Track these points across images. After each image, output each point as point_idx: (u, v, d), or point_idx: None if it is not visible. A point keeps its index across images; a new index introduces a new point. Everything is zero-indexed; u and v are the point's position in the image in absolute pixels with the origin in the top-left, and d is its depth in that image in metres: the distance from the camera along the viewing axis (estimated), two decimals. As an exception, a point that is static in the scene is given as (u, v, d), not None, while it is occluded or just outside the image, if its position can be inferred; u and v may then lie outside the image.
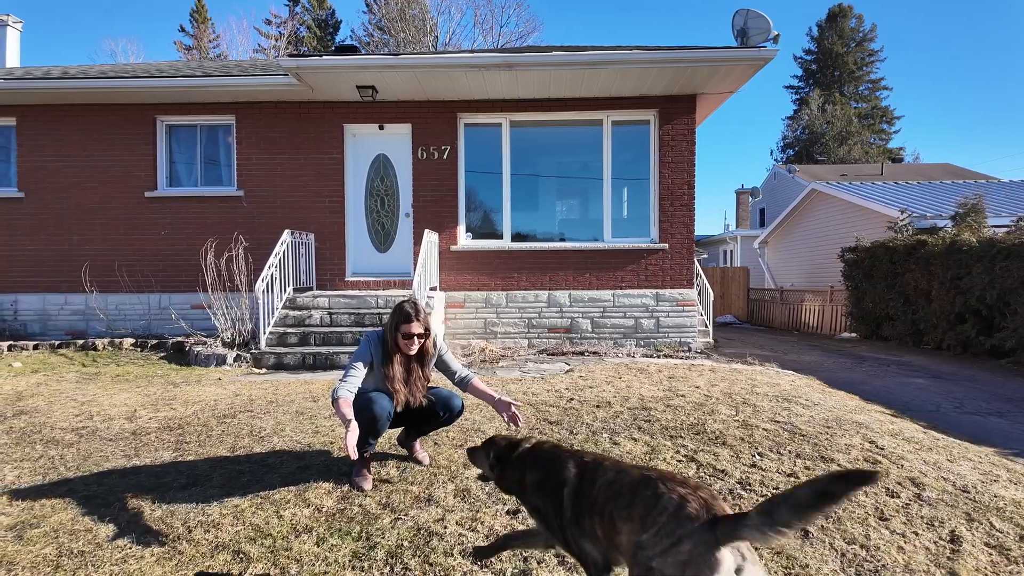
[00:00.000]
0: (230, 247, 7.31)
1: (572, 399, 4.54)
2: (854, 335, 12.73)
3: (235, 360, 6.34)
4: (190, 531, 2.49)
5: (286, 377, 5.76)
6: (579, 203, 8.45)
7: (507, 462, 1.99)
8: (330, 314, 6.99)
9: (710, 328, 9.05)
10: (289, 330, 6.74)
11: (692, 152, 7.99)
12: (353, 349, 6.33)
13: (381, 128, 8.24)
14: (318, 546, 2.37)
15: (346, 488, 2.88)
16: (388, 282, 8.11)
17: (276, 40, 41.63)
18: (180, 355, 6.98)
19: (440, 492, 2.84)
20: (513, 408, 2.95)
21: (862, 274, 11.90)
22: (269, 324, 6.67)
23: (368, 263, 8.34)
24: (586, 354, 7.30)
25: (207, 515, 2.62)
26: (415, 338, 2.99)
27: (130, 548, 2.33)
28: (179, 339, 7.30)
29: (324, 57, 7.06)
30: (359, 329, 6.78)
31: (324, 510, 2.68)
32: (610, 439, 3.53)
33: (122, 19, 55.32)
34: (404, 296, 7.34)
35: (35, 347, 7.31)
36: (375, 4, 44.75)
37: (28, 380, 5.62)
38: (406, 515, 2.61)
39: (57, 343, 7.34)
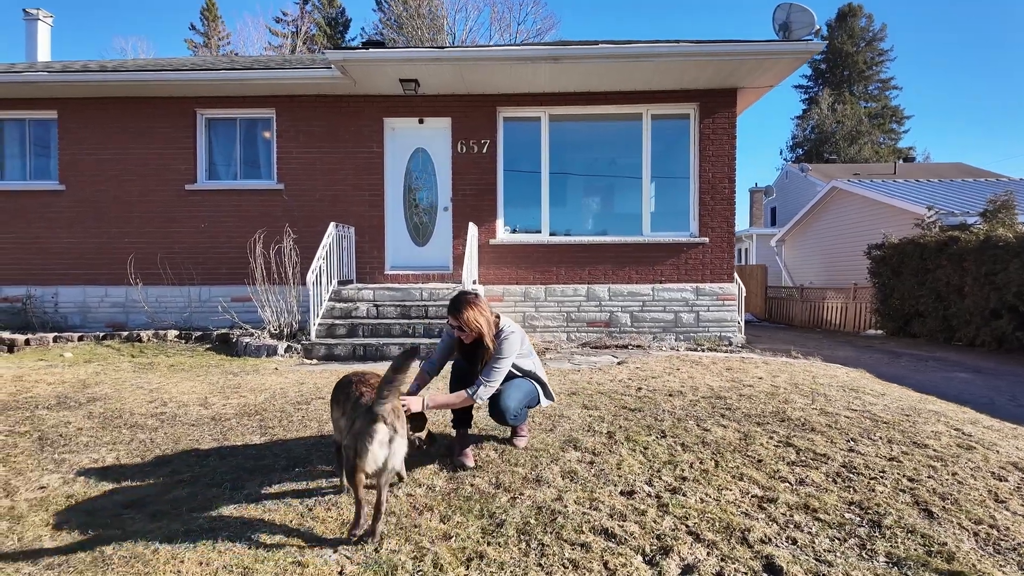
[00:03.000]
0: (272, 240, 7.34)
1: (640, 388, 4.54)
2: (880, 332, 12.69)
3: (286, 351, 6.36)
4: (311, 509, 2.50)
5: (342, 367, 5.76)
6: (618, 197, 8.43)
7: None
8: (376, 306, 7.00)
9: (742, 324, 9.03)
10: (337, 322, 6.75)
11: (733, 146, 7.99)
12: (401, 341, 6.36)
13: (421, 122, 8.25)
14: (444, 523, 2.37)
15: (450, 470, 2.89)
16: (427, 275, 8.11)
17: (287, 38, 41.74)
18: (226, 346, 7.00)
19: (547, 473, 2.84)
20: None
21: (890, 271, 11.86)
22: (317, 316, 6.67)
23: (406, 257, 8.35)
24: (630, 347, 7.30)
25: (322, 495, 2.63)
26: (454, 330, 3.03)
27: (259, 525, 2.34)
28: (223, 331, 7.32)
29: (371, 50, 7.07)
30: (406, 321, 6.79)
31: (437, 489, 2.69)
32: (697, 425, 3.53)
33: (132, 17, 55.49)
34: (445, 288, 7.36)
35: (80, 338, 7.34)
36: (385, 3, 44.85)
37: (85, 369, 5.65)
38: (521, 494, 2.61)
39: (102, 335, 7.36)
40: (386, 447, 2.26)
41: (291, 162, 8.22)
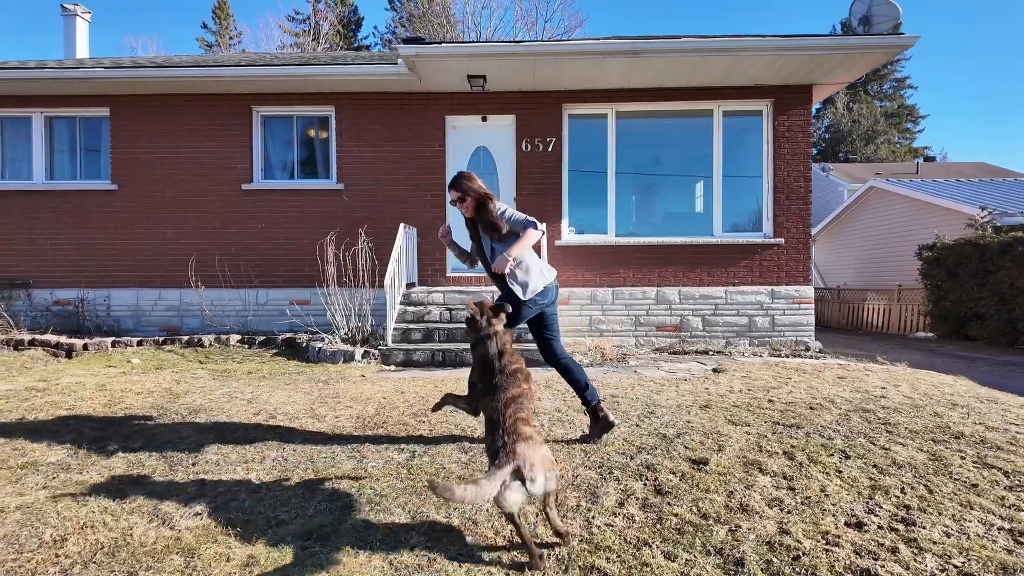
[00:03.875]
0: (329, 240, 7.11)
1: (772, 401, 4.28)
2: (931, 334, 12.41)
3: (363, 356, 6.11)
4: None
5: (424, 374, 5.52)
6: (687, 196, 8.17)
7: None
8: (449, 310, 6.75)
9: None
10: (411, 326, 6.51)
11: (808, 144, 7.72)
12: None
13: (484, 120, 7.99)
14: (672, 561, 2.12)
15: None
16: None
17: (300, 36, 41.54)
18: (294, 351, 6.76)
19: (749, 500, 2.58)
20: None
21: (945, 272, 11.58)
22: (392, 320, 6.43)
23: (467, 258, 8.08)
24: (710, 353, 7.04)
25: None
26: (456, 204, 3.28)
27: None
28: (288, 335, 7.09)
29: (443, 44, 6.82)
30: (480, 326, 6.52)
31: (638, 519, 2.43)
32: (872, 443, 3.27)
33: (142, 16, 55.33)
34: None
35: (139, 343, 7.11)
36: (398, 1, 44.65)
37: (162, 377, 5.40)
38: (738, 526, 2.36)
39: (161, 339, 7.13)
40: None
41: (351, 161, 7.97)
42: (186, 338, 7.07)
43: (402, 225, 6.97)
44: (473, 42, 6.71)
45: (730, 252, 7.77)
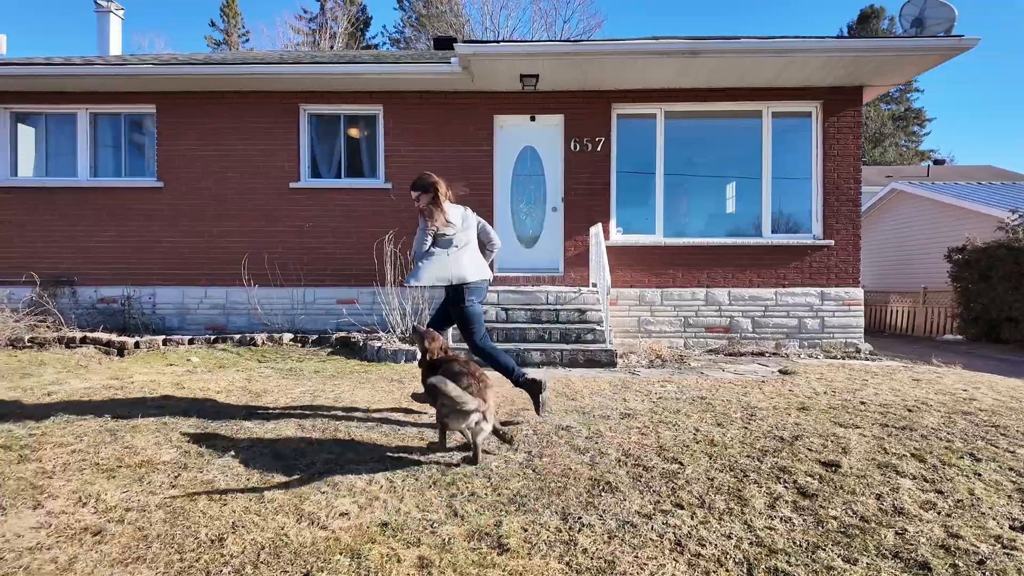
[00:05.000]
0: (387, 240, 7.09)
1: (864, 403, 4.26)
2: (959, 337, 12.42)
3: (423, 357, 6.06)
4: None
5: (492, 374, 5.47)
6: (735, 197, 8.15)
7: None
8: (505, 310, 6.73)
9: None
10: (468, 326, 6.46)
11: (858, 146, 7.72)
12: (540, 347, 6.09)
13: (532, 119, 7.97)
14: (851, 564, 2.10)
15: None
16: (538, 278, 7.83)
17: (308, 35, 41.48)
18: (349, 350, 6.73)
19: (900, 503, 2.56)
20: None
21: (977, 275, 11.58)
22: (449, 320, 6.38)
23: (514, 258, 8.07)
24: (766, 355, 7.03)
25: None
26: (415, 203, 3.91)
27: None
28: (341, 334, 7.06)
29: (501, 43, 6.79)
30: (537, 326, 6.51)
31: (790, 524, 2.41)
32: (993, 446, 3.25)
33: (149, 14, 55.10)
34: (571, 292, 7.09)
35: (190, 341, 7.07)
36: (407, 1, 44.64)
37: (231, 375, 5.36)
38: (904, 530, 2.33)
39: (212, 338, 7.09)
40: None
41: (398, 160, 7.95)
42: (238, 336, 7.03)
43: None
44: (530, 41, 6.69)
45: (779, 253, 7.75)
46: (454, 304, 3.85)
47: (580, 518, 2.47)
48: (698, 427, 3.63)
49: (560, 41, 6.80)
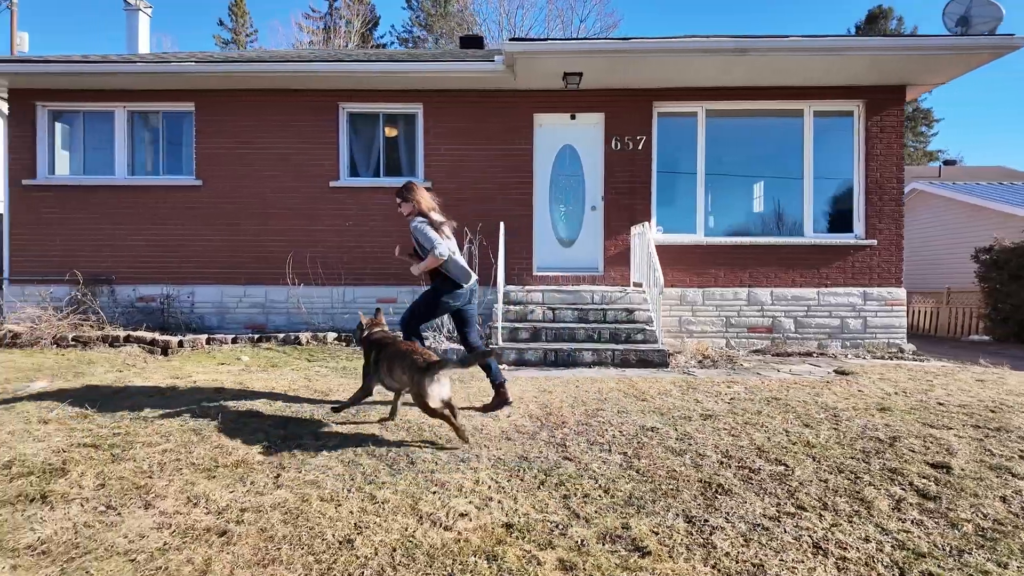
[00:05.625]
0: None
1: (941, 404, 4.22)
2: (986, 337, 12.35)
3: (475, 356, 6.03)
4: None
5: (550, 373, 5.45)
6: (775, 196, 8.10)
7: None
8: (552, 309, 6.69)
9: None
10: (516, 325, 6.45)
11: (901, 145, 7.68)
12: (591, 346, 6.06)
13: (573, 118, 7.94)
14: None
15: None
16: (578, 277, 7.79)
17: (316, 35, 41.44)
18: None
19: (1030, 506, 2.53)
20: None
21: (1007, 275, 11.52)
22: (499, 319, 6.36)
23: (552, 258, 8.04)
24: (813, 355, 6.99)
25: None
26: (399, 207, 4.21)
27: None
28: (384, 334, 7.01)
29: (548, 41, 6.76)
30: (584, 326, 6.48)
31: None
32: (1094, 447, 3.22)
33: (157, 12, 55.05)
34: (617, 292, 7.06)
35: (233, 340, 7.05)
36: (415, 0, 44.62)
37: (287, 374, 5.33)
38: (1043, 533, 2.29)
39: (256, 337, 7.06)
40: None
41: (438, 159, 7.92)
42: (281, 336, 7.00)
43: (501, 224, 6.92)
44: (577, 39, 6.65)
45: (822, 253, 7.71)
46: (434, 294, 4.08)
47: (707, 520, 2.44)
48: (787, 428, 3.60)
49: (608, 39, 6.76)
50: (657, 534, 2.33)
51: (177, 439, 3.41)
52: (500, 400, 4.04)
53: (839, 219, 7.88)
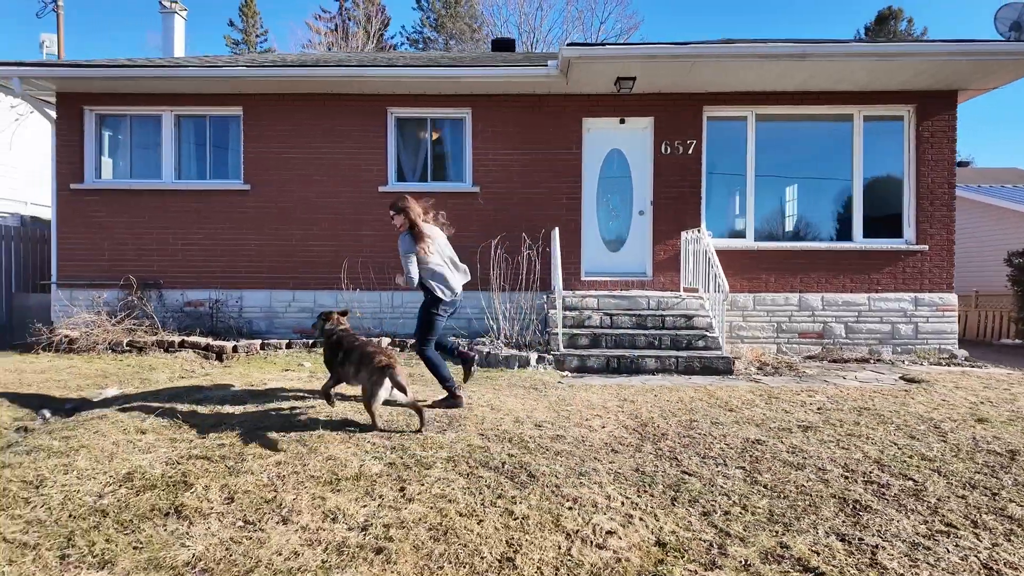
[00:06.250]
0: (495, 245, 7.10)
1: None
2: (1017, 341, 12.31)
3: (537, 362, 6.03)
4: None
5: (619, 380, 5.44)
6: (826, 201, 8.06)
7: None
8: (609, 315, 6.67)
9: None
10: (574, 331, 6.43)
11: (953, 150, 7.64)
12: (654, 353, 6.04)
13: (622, 122, 7.91)
14: None
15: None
16: (627, 282, 7.77)
17: (326, 35, 41.44)
18: (449, 354, 6.66)
19: None
20: None
21: (1041, 279, 11.49)
22: (557, 325, 6.35)
23: (600, 262, 8.02)
24: (870, 361, 6.97)
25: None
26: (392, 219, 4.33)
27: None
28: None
29: (607, 46, 6.74)
30: (643, 332, 6.46)
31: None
32: None
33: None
34: (673, 298, 7.04)
35: (287, 346, 7.05)
36: (425, 1, 44.62)
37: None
38: None
39: (310, 342, 7.06)
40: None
41: (485, 163, 7.90)
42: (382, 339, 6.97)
43: (556, 229, 6.90)
44: (632, 44, 6.65)
45: (872, 258, 7.68)
46: (426, 310, 4.34)
47: (862, 539, 2.42)
48: (894, 441, 3.58)
49: (666, 43, 6.72)
50: (819, 553, 2.31)
51: (288, 451, 3.39)
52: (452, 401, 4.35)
53: (888, 224, 7.85)
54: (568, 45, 6.64)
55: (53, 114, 8.01)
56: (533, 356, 6.03)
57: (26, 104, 12.65)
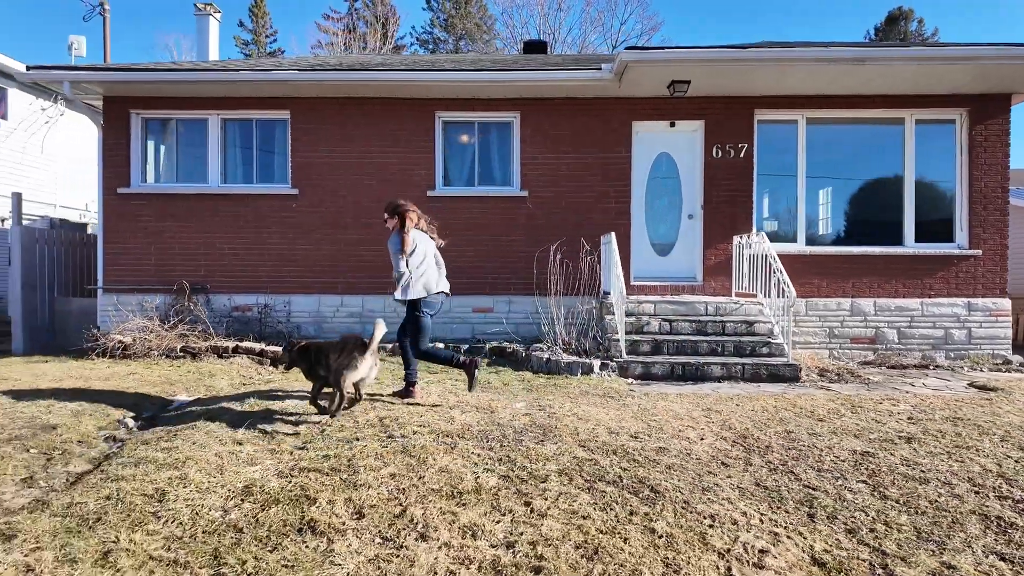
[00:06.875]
0: (555, 251, 7.08)
1: None
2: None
3: (601, 368, 5.99)
4: None
5: (670, 388, 5.39)
6: (877, 205, 7.99)
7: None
8: (668, 321, 6.63)
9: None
10: (634, 337, 6.39)
11: (1006, 154, 7.59)
12: (713, 360, 6.00)
13: (672, 125, 7.87)
14: None
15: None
16: (677, 287, 7.73)
17: (336, 35, 41.45)
18: (509, 360, 6.67)
19: None
20: None
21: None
22: (616, 331, 6.30)
23: (648, 267, 7.98)
24: (930, 367, 6.93)
25: None
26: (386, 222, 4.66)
27: None
28: (492, 344, 7.00)
29: (666, 49, 6.69)
30: (705, 339, 6.42)
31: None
32: None
33: (173, 14, 55.22)
34: (731, 303, 7.00)
35: (341, 351, 7.00)
36: (435, 1, 44.63)
37: (432, 389, 5.28)
38: None
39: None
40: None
41: (534, 167, 7.87)
42: (390, 346, 6.95)
43: (612, 234, 6.85)
44: (693, 47, 6.60)
45: (925, 263, 7.63)
46: (413, 310, 4.59)
47: (1024, 559, 2.38)
48: (1007, 453, 3.54)
49: (724, 47, 6.68)
50: (988, 574, 2.27)
51: (395, 462, 3.36)
52: (406, 392, 4.77)
53: (939, 228, 7.80)
54: (627, 49, 6.60)
55: (100, 118, 7.98)
56: (596, 363, 5.99)
57: (56, 107, 12.76)
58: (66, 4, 54.04)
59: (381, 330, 4.19)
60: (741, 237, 7.45)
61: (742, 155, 7.74)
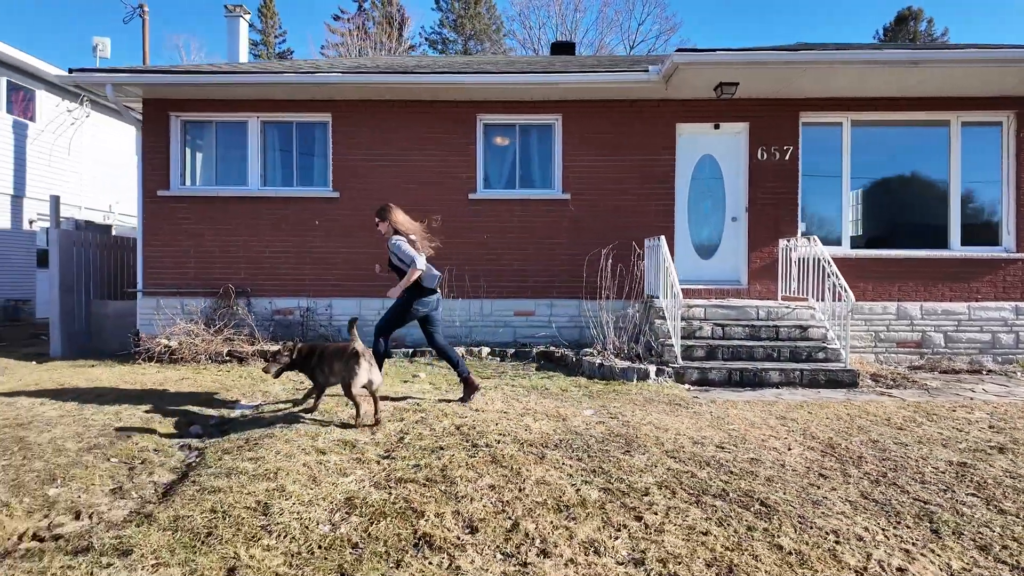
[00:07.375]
0: (606, 255, 7.03)
1: None
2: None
3: (657, 374, 5.93)
4: None
5: (729, 394, 5.33)
6: (922, 208, 7.93)
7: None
8: (720, 326, 6.57)
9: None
10: (687, 342, 6.33)
11: (1055, 157, 7.51)
12: (769, 365, 5.94)
13: (716, 127, 7.81)
14: None
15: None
16: (721, 291, 7.67)
17: (345, 36, 41.43)
18: (558, 365, 6.62)
19: None
20: None
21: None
22: (670, 336, 6.25)
23: (692, 270, 7.91)
24: (982, 372, 6.86)
25: None
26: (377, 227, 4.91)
27: None
28: (540, 348, 6.98)
29: (718, 52, 6.62)
30: (759, 344, 6.35)
31: None
32: None
33: (180, 14, 55.25)
34: (784, 308, 6.93)
35: (386, 355, 6.95)
36: (444, 2, 44.61)
37: (492, 396, 5.22)
38: None
39: (410, 351, 7.05)
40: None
41: (576, 170, 7.81)
42: (433, 351, 6.90)
43: (662, 236, 6.79)
44: (745, 49, 6.54)
45: (971, 266, 7.56)
46: (407, 302, 4.77)
47: None
48: (1110, 464, 3.47)
49: (774, 49, 6.62)
50: None
51: (489, 473, 3.31)
52: (470, 389, 4.87)
53: (984, 231, 7.74)
54: (678, 51, 6.54)
55: (139, 121, 7.95)
56: (652, 368, 5.93)
57: (82, 109, 12.75)
58: (84, 4, 54.13)
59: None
60: (787, 240, 7.39)
61: (787, 157, 7.68)
